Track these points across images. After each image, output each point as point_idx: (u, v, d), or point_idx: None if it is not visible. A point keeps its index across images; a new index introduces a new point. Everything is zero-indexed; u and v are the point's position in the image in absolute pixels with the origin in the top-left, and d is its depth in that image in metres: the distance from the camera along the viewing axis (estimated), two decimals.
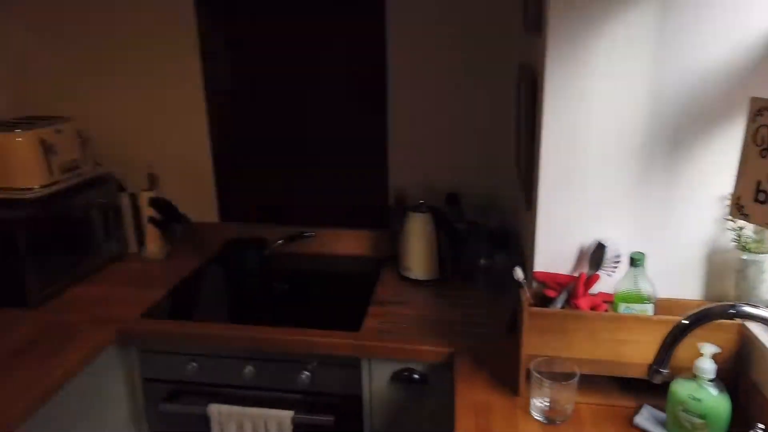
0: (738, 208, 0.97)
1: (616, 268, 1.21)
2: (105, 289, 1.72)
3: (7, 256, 1.56)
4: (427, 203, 1.78)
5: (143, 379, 1.57)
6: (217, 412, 1.49)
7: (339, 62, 1.86)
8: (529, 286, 1.25)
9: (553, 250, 1.25)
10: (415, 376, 1.43)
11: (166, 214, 1.94)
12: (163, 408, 1.54)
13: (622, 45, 1.12)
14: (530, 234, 1.32)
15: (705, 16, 1.09)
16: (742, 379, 1.09)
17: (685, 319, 0.92)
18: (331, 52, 1.85)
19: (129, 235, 1.97)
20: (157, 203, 1.93)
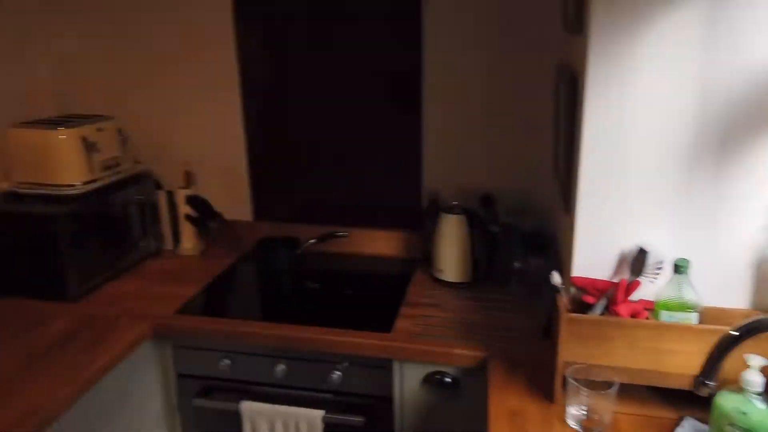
0: None
1: (658, 274, 1.17)
2: (141, 285, 1.76)
3: (48, 250, 1.60)
4: (461, 204, 1.76)
5: (177, 374, 1.59)
6: (249, 409, 1.50)
7: (374, 63, 1.86)
8: (566, 291, 1.22)
9: (592, 255, 1.22)
10: (447, 380, 1.42)
11: (202, 212, 1.96)
12: (196, 403, 1.56)
13: (669, 45, 1.08)
14: (568, 238, 1.29)
15: (760, 14, 1.04)
16: None
17: (734, 330, 0.89)
18: (367, 53, 1.85)
19: (165, 232, 2.00)
20: (193, 201, 1.96)
